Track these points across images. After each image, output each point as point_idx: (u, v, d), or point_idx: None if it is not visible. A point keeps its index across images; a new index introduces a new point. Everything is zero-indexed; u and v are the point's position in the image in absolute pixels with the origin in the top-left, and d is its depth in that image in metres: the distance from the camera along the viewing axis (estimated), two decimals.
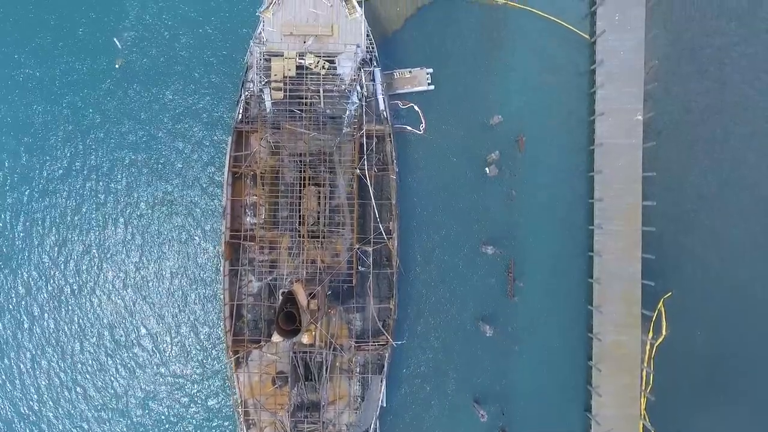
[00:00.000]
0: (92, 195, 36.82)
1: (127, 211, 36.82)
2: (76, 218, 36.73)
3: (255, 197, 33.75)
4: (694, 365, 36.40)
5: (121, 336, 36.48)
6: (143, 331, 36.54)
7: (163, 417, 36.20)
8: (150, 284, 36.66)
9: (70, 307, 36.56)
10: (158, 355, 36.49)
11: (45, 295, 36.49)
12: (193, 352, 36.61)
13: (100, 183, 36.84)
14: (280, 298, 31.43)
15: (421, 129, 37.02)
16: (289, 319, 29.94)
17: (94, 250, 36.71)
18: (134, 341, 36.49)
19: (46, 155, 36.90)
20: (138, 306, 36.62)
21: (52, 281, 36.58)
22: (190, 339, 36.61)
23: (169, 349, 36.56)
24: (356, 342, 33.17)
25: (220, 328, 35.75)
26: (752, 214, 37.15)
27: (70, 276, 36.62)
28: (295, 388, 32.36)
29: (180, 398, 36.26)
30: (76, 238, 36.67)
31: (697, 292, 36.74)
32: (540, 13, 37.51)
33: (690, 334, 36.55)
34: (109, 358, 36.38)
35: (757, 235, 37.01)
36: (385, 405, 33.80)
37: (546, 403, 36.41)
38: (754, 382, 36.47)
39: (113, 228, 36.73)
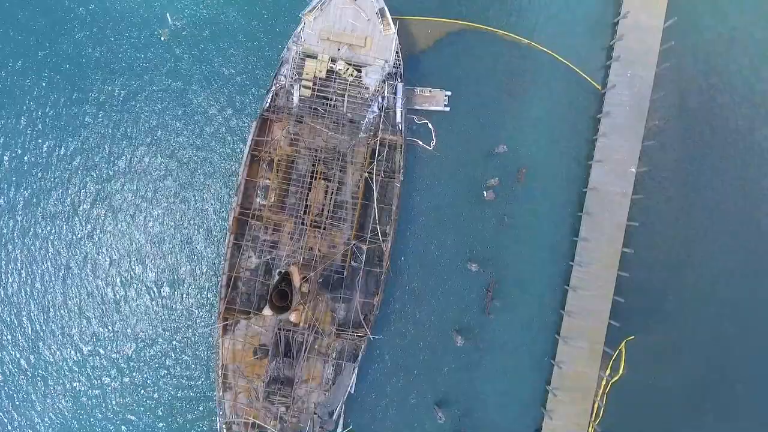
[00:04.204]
0: (117, 153, 39.51)
1: (145, 175, 39.38)
2: (96, 172, 39.38)
3: (268, 181, 36.14)
4: (643, 406, 38.75)
5: (121, 287, 39.04)
6: (140, 285, 38.96)
7: (147, 367, 38.62)
8: (157, 245, 39.16)
9: (77, 260, 39.06)
10: (150, 308, 38.87)
11: (55, 242, 39.04)
12: (185, 311, 38.87)
13: (129, 145, 39.52)
14: (277, 276, 33.95)
15: (431, 145, 39.49)
16: (282, 296, 32.52)
17: (117, 205, 39.38)
18: (130, 292, 38.95)
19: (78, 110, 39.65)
20: (139, 265, 39.12)
21: (66, 229, 39.17)
22: (184, 298, 38.95)
23: (163, 304, 38.84)
24: (337, 329, 35.45)
25: (211, 293, 38.37)
26: (722, 275, 39.61)
27: (84, 225, 39.19)
28: (274, 362, 34.74)
29: (165, 353, 38.66)
30: (97, 191, 39.35)
31: (659, 341, 39.09)
32: (560, 58, 40.07)
33: (645, 378, 38.91)
34: (106, 306, 38.92)
35: (724, 293, 39.44)
36: (353, 392, 36.19)
37: (501, 417, 38.70)
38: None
39: (135, 188, 39.43)
